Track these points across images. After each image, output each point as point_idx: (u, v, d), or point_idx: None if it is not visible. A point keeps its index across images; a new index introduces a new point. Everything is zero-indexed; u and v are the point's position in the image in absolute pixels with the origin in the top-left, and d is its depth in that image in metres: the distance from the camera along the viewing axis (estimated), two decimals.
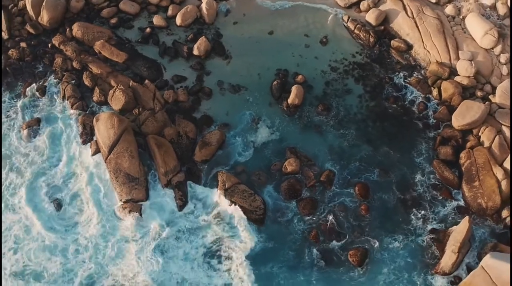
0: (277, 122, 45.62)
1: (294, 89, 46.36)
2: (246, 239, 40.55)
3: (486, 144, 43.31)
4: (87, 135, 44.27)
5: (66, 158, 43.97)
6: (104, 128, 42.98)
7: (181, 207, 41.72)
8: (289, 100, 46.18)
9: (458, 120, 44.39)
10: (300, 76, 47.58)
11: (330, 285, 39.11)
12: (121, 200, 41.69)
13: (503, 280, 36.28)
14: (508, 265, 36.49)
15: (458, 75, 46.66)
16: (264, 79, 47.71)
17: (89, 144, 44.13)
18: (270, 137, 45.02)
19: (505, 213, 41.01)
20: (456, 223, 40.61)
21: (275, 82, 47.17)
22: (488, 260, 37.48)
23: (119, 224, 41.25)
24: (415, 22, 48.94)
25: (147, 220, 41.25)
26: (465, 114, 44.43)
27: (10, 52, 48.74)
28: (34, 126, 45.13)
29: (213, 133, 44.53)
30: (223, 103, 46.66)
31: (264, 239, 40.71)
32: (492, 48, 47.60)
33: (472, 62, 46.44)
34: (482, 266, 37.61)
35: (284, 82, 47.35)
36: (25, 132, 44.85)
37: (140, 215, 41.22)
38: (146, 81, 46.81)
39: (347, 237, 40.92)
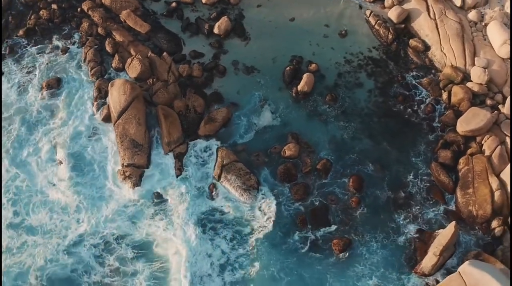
0: (283, 107, 46.19)
1: (305, 76, 46.68)
2: (236, 213, 41.45)
3: (487, 153, 42.71)
4: (101, 99, 45.91)
5: (78, 118, 45.59)
6: (117, 94, 44.45)
7: (178, 176, 42.81)
8: (299, 87, 46.57)
9: (463, 125, 43.88)
10: (313, 65, 47.80)
11: (309, 269, 39.53)
12: (123, 164, 43.13)
13: None
14: (486, 274, 36.26)
15: (471, 81, 45.96)
16: (278, 64, 48.12)
17: (102, 107, 45.69)
18: (274, 121, 45.65)
19: (494, 224, 40.48)
20: (444, 227, 40.35)
21: (288, 68, 47.61)
22: (466, 267, 37.31)
23: (119, 187, 42.59)
24: (436, 24, 48.32)
25: (145, 185, 42.57)
26: (470, 121, 43.86)
27: (41, 12, 50.69)
28: (53, 85, 46.96)
29: (220, 110, 45.44)
30: (235, 82, 47.42)
31: (251, 217, 41.35)
32: (509, 58, 46.95)
33: (487, 70, 45.65)
34: (459, 271, 37.49)
35: (297, 69, 47.71)
36: (43, 89, 46.72)
37: (140, 179, 42.72)
38: (164, 53, 47.95)
39: (334, 226, 41.11)
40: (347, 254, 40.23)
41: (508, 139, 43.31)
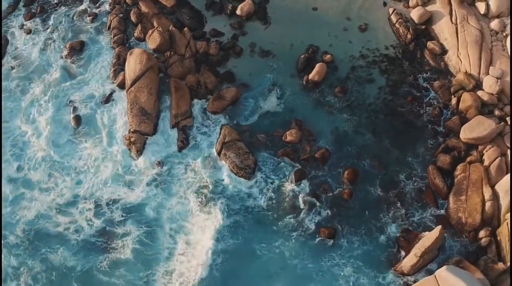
0: (292, 93, 46.56)
1: (317, 66, 46.75)
2: (231, 189, 42.43)
3: (486, 163, 42.00)
4: (119, 65, 47.33)
5: (95, 82, 47.31)
6: (133, 62, 45.67)
7: (180, 148, 44.14)
8: (310, 76, 46.65)
9: (466, 132, 43.17)
10: (328, 56, 47.74)
11: (291, 250, 40.24)
12: (130, 130, 44.50)
13: None
14: (460, 282, 35.93)
15: (482, 90, 45.13)
16: (294, 51, 48.26)
17: (118, 74, 46.95)
18: (280, 106, 46.02)
19: (482, 234, 39.92)
20: (430, 230, 40.08)
21: (302, 56, 47.72)
22: (442, 272, 37.18)
23: (123, 152, 44.09)
24: (457, 29, 47.35)
25: (147, 154, 43.96)
26: (474, 129, 43.09)
27: None
28: (75, 47, 48.69)
29: (230, 89, 46.17)
30: (249, 64, 47.96)
31: (245, 195, 42.34)
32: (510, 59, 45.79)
33: (499, 80, 44.71)
34: (435, 275, 37.43)
35: (312, 58, 47.77)
36: (66, 51, 48.47)
37: (143, 147, 44.04)
38: (185, 28, 48.89)
39: (323, 214, 41.60)
40: (331, 242, 40.61)
41: (509, 153, 42.74)
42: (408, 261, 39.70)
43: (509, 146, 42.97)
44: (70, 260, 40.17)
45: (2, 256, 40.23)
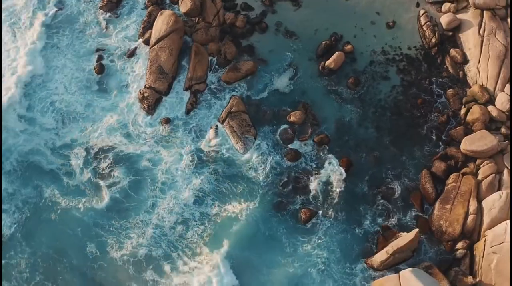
0: (306, 76, 46.56)
1: (336, 54, 46.45)
2: (228, 157, 43.39)
3: (479, 177, 41.25)
4: (148, 23, 48.29)
5: (123, 36, 48.68)
6: (161, 23, 46.70)
7: (188, 111, 45.18)
8: (327, 62, 46.42)
9: (466, 144, 42.29)
10: (349, 46, 47.26)
11: (269, 224, 41.10)
12: (145, 85, 45.83)
13: None
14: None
15: (494, 105, 43.92)
16: (318, 36, 48.01)
17: (147, 31, 47.98)
18: (292, 87, 46.12)
19: (459, 245, 39.53)
20: (409, 231, 39.67)
21: (324, 42, 47.43)
22: (406, 272, 37.16)
23: (134, 105, 45.51)
24: (482, 41, 45.82)
25: (156, 110, 45.24)
26: (475, 141, 42.12)
27: None
28: (112, 1, 49.90)
29: (247, 62, 46.61)
30: (271, 42, 48.11)
31: (239, 164, 43.15)
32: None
33: None
34: (399, 274, 37.44)
35: (333, 45, 47.43)
36: (102, 2, 49.86)
37: (154, 103, 45.20)
38: None
39: (308, 196, 42.05)
40: (310, 224, 41.17)
41: (505, 172, 41.41)
42: (379, 256, 39.83)
43: (507, 165, 42.09)
44: (56, 197, 42.18)
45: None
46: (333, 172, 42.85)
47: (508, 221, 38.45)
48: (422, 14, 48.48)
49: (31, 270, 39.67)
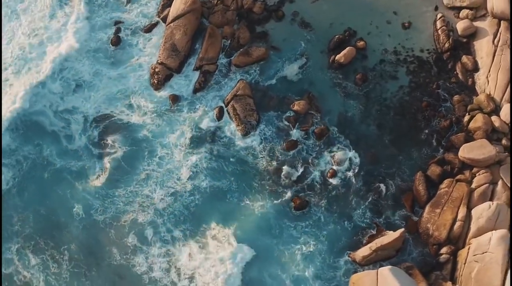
0: (315, 67, 46.45)
1: (347, 49, 46.16)
2: (228, 138, 43.96)
3: (473, 185, 40.64)
4: (168, 1, 48.71)
5: (142, 11, 49.28)
6: (180, 2, 47.32)
7: (196, 90, 45.72)
8: (337, 56, 46.15)
9: (464, 151, 41.69)
10: (362, 43, 46.84)
11: (260, 209, 41.52)
12: (157, 61, 46.53)
13: None
14: (397, 285, 36.05)
15: (498, 116, 43.18)
16: (332, 29, 47.68)
17: (166, 9, 48.48)
18: (301, 76, 46.12)
19: (444, 250, 39.24)
20: (396, 230, 39.93)
21: (337, 36, 47.13)
22: (385, 270, 37.31)
23: (143, 78, 46.28)
24: (495, 51, 44.84)
25: (165, 87, 45.91)
26: (473, 150, 41.48)
27: None
28: None
29: (259, 48, 46.74)
30: (286, 30, 48.06)
31: (237, 147, 43.63)
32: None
33: None
34: (378, 271, 37.57)
35: (345, 40, 47.07)
36: None
37: (164, 79, 45.77)
38: None
39: (303, 185, 42.29)
40: (300, 213, 41.48)
41: (500, 184, 40.66)
42: (362, 251, 39.99)
43: (503, 178, 41.48)
44: (53, 157, 43.56)
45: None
46: (329, 164, 43.00)
47: (493, 232, 38.32)
48: (439, 18, 47.64)
49: (22, 224, 41.30)
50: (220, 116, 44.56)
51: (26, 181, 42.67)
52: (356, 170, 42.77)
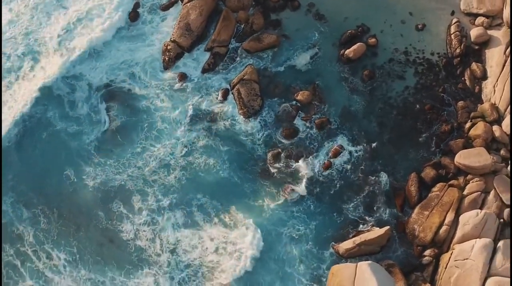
0: (324, 60, 46.26)
1: (357, 45, 45.85)
2: (226, 118, 44.24)
3: (465, 192, 40.18)
4: None
5: None
6: None
7: (204, 71, 46.03)
8: (347, 51, 45.90)
9: (460, 157, 41.17)
10: (373, 40, 46.45)
11: (254, 190, 41.93)
12: (170, 39, 46.96)
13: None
14: (374, 280, 36.03)
15: (500, 126, 42.48)
16: (346, 23, 47.39)
17: None
18: (309, 67, 46.01)
19: (427, 252, 39.03)
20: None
21: (349, 31, 46.82)
22: (364, 265, 37.45)
23: (156, 54, 46.78)
24: (505, 61, 43.88)
25: (174, 65, 46.29)
26: (469, 156, 40.95)
27: None
28: None
29: (270, 36, 46.70)
30: (300, 20, 47.90)
31: (237, 130, 43.82)
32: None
33: None
34: (357, 264, 37.64)
35: (357, 36, 46.74)
36: None
37: (175, 57, 46.23)
38: None
39: (296, 173, 42.29)
40: (291, 198, 41.55)
41: (492, 193, 39.90)
42: (346, 244, 40.00)
43: (496, 186, 40.70)
44: (55, 119, 44.51)
45: None
46: (326, 155, 42.87)
47: (477, 240, 37.89)
48: (454, 23, 46.82)
49: (18, 180, 42.61)
50: (224, 98, 44.83)
51: (27, 139, 43.84)
52: (352, 164, 42.58)
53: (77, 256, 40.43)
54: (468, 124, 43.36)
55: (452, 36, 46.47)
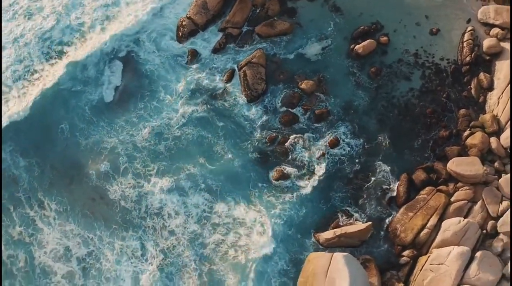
0: (334, 53, 46.12)
1: (368, 42, 45.55)
2: (229, 99, 44.70)
3: (452, 198, 39.77)
4: None
5: None
6: None
7: (214, 50, 46.44)
8: (357, 46, 45.67)
9: (453, 164, 40.66)
10: (385, 38, 46.01)
11: (247, 173, 42.20)
12: (186, 15, 47.53)
13: (331, 276, 36.22)
14: (346, 271, 35.77)
15: (497, 138, 41.74)
16: (360, 19, 47.09)
17: None
18: (318, 57, 45.92)
19: (406, 252, 38.74)
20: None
21: (363, 27, 46.50)
22: (339, 255, 37.23)
23: (169, 27, 47.64)
24: None
25: (187, 41, 46.90)
26: (461, 164, 40.37)
27: None
28: None
29: (284, 23, 46.84)
30: (316, 11, 47.83)
31: (238, 111, 44.19)
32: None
33: None
34: (333, 254, 37.55)
35: (370, 33, 46.38)
36: None
37: (189, 33, 46.75)
38: None
39: (289, 159, 42.63)
40: (279, 182, 41.72)
41: (479, 204, 39.25)
42: (326, 234, 40.07)
43: (484, 197, 39.98)
44: (63, 80, 45.30)
45: None
46: (321, 145, 42.92)
47: (455, 247, 37.44)
48: (468, 31, 45.95)
49: (16, 131, 43.90)
50: (230, 78, 45.12)
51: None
52: (347, 157, 42.46)
53: (68, 207, 41.47)
54: (466, 133, 42.68)
55: (465, 43, 45.73)
